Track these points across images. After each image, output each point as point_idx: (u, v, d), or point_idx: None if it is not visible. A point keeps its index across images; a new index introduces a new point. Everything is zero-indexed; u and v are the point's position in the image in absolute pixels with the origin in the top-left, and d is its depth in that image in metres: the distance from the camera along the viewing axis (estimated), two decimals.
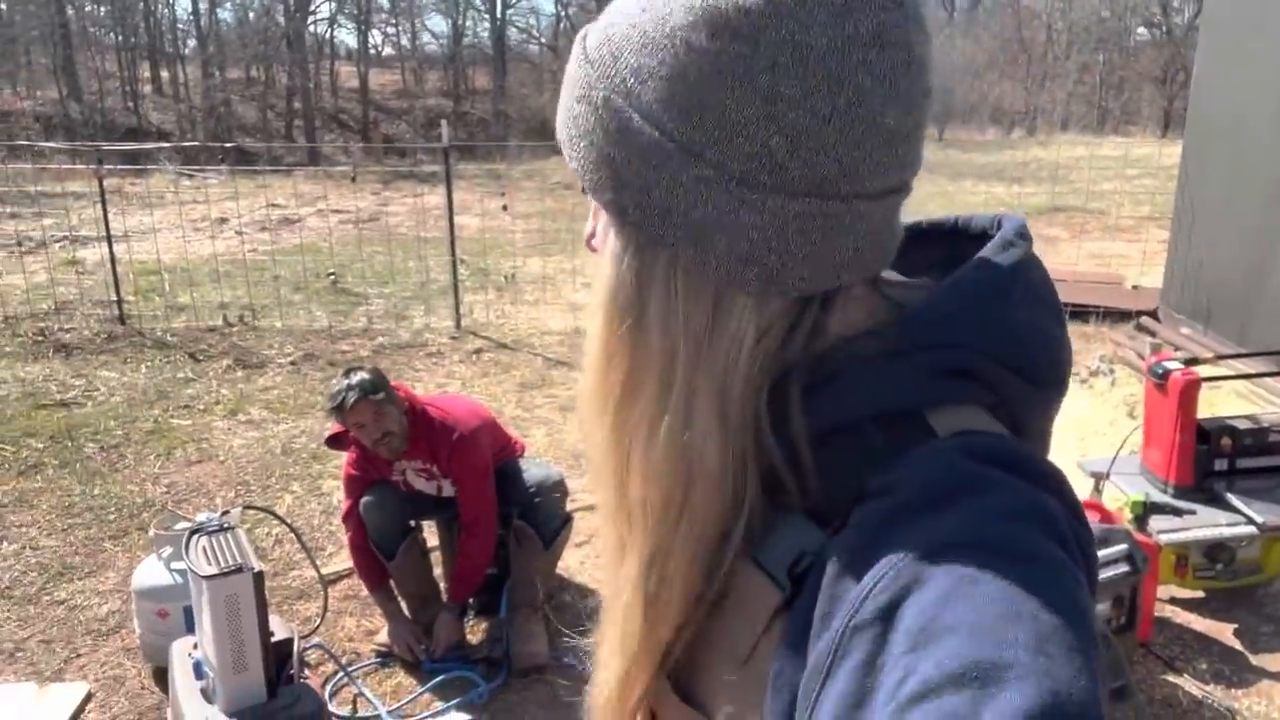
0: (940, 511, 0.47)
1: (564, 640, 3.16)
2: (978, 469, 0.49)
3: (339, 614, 3.33)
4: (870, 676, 0.43)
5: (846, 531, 0.50)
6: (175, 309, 7.37)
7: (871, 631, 0.44)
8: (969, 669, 0.40)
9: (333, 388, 2.89)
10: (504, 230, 10.09)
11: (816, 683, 0.46)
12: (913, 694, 0.41)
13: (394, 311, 7.46)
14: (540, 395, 5.60)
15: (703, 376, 0.54)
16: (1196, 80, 6.86)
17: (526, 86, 29.61)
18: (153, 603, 2.90)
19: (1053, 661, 0.40)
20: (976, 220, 0.64)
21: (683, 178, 0.52)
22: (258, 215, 11.28)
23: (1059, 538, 0.47)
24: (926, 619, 0.43)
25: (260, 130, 26.00)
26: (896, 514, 0.48)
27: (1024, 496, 0.48)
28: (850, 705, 0.43)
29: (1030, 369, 0.56)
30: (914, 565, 0.45)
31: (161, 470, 4.56)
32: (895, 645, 0.43)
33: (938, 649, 0.41)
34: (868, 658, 0.44)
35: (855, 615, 0.45)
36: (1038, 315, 0.57)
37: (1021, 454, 0.51)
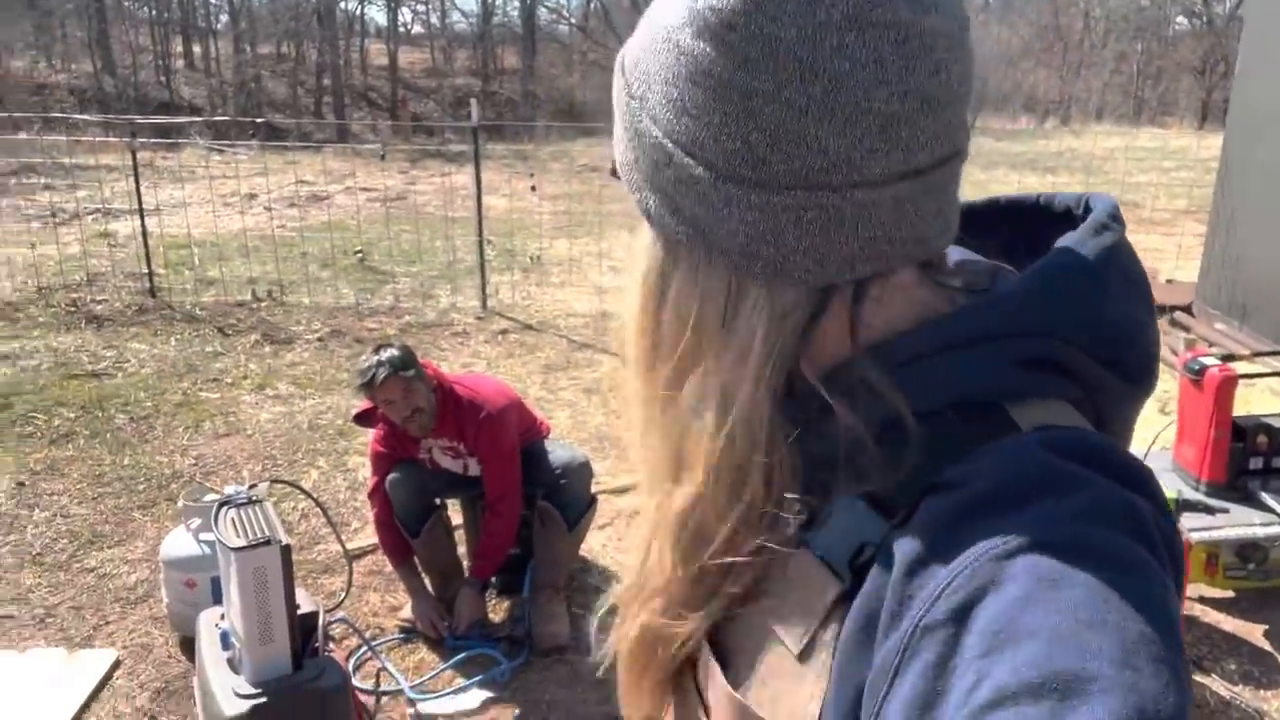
0: (1021, 509, 0.45)
1: (585, 622, 3.17)
2: (1062, 465, 0.47)
3: (363, 589, 3.36)
4: (941, 679, 0.42)
5: (916, 524, 0.48)
6: (205, 283, 7.43)
7: (944, 632, 0.42)
8: (1048, 679, 0.38)
9: (362, 364, 2.90)
10: (531, 211, 10.08)
11: (884, 682, 0.44)
12: (986, 701, 0.39)
13: (420, 290, 7.48)
14: (565, 378, 5.61)
15: (718, 360, 0.55)
16: (1240, 73, 6.72)
17: (556, 67, 29.50)
18: (181, 573, 2.94)
19: (1139, 674, 0.38)
20: (1060, 199, 0.61)
21: (682, 176, 0.53)
22: (287, 192, 11.34)
23: (1147, 540, 0.45)
24: (1003, 622, 0.41)
25: (290, 107, 26.11)
26: (974, 509, 0.46)
27: (1111, 495, 0.46)
28: (919, 707, 0.42)
29: (1121, 362, 0.54)
30: (991, 565, 0.43)
31: (190, 442, 4.61)
32: (968, 648, 0.41)
33: (1015, 655, 0.39)
34: (938, 659, 0.42)
35: (926, 615, 0.43)
36: (1131, 305, 0.54)
37: (1109, 450, 0.49)
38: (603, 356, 5.98)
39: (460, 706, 2.79)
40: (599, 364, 5.84)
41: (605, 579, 3.46)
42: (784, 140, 0.50)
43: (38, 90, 22.05)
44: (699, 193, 0.53)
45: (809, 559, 0.54)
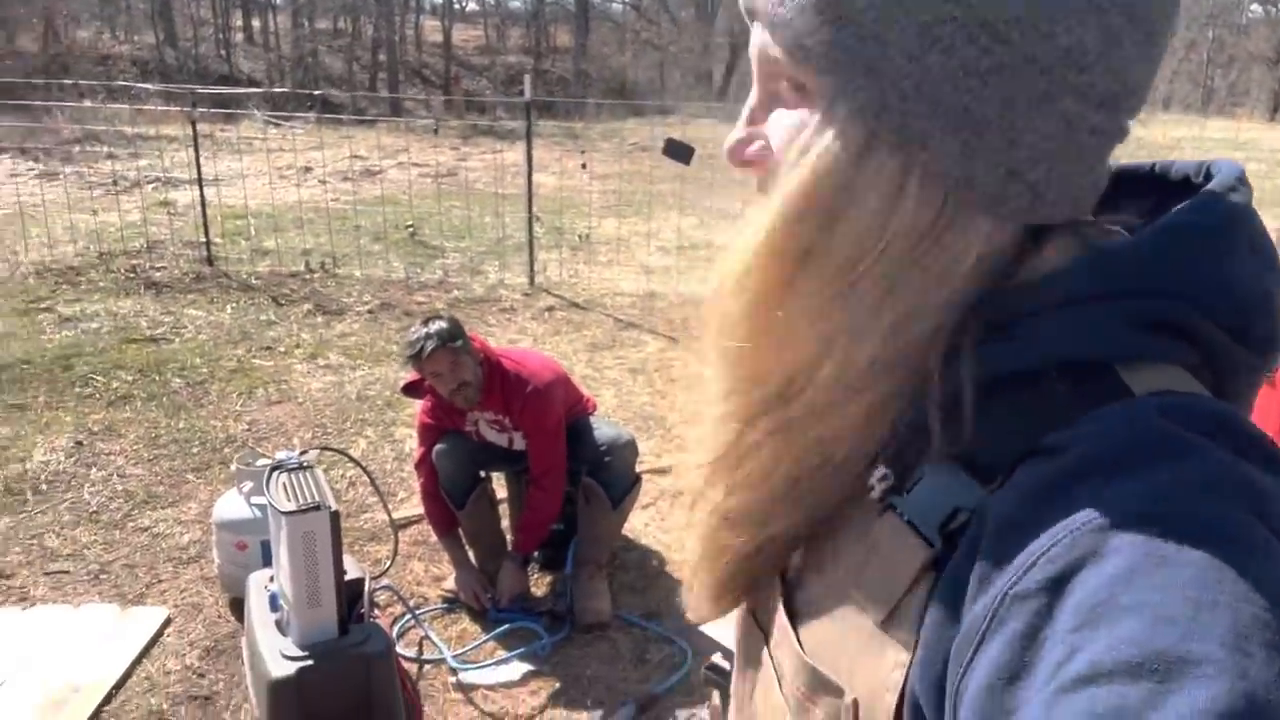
0: (1129, 477, 0.41)
1: (627, 599, 3.17)
2: (1179, 433, 0.43)
3: (408, 558, 3.40)
4: (1031, 650, 0.39)
5: (1014, 488, 0.45)
6: (260, 253, 7.55)
7: (1036, 602, 0.40)
8: (1149, 659, 0.35)
9: (411, 335, 2.91)
10: (580, 190, 10.07)
11: (968, 650, 0.42)
12: (1078, 676, 0.36)
13: (469, 266, 7.52)
14: (610, 356, 5.60)
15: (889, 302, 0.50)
16: None
17: (608, 46, 29.40)
18: (232, 535, 2.99)
19: (1251, 661, 0.35)
20: (1179, 166, 0.57)
21: (979, 64, 0.46)
22: (341, 165, 11.46)
23: (1268, 518, 0.41)
24: (1103, 596, 0.38)
25: (345, 81, 26.39)
26: (1078, 475, 0.43)
27: (1229, 468, 0.42)
28: (1005, 678, 0.39)
29: (1245, 330, 0.50)
30: (1093, 535, 0.40)
31: (243, 408, 4.69)
32: (1062, 620, 0.38)
33: (1112, 631, 0.37)
34: (1028, 629, 0.39)
35: (1019, 583, 0.41)
36: (1258, 268, 0.51)
37: (1232, 419, 0.45)
38: (649, 337, 5.96)
39: (501, 678, 2.81)
40: (645, 344, 5.83)
41: (648, 558, 3.46)
42: (1115, 53, 0.47)
43: (102, 61, 22.54)
44: (998, 89, 0.46)
45: (893, 523, 0.51)
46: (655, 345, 5.81)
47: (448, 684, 2.79)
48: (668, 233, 8.51)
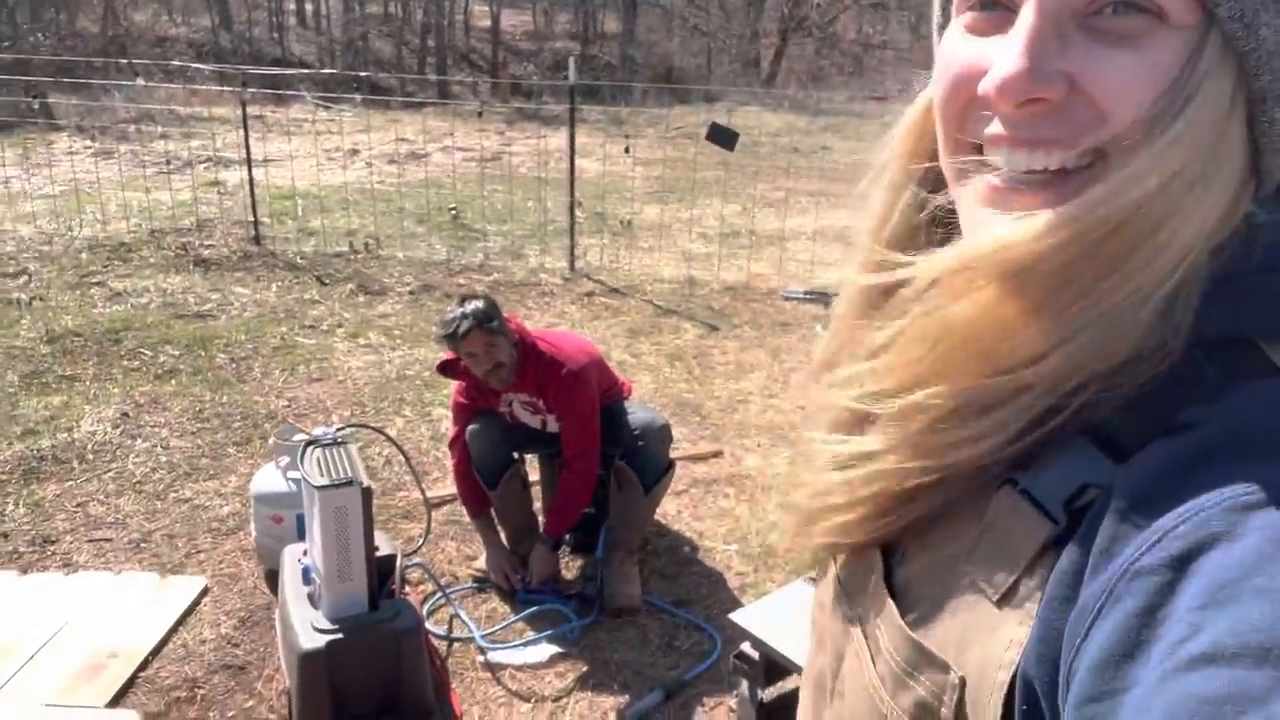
0: (1271, 459, 0.39)
1: (658, 586, 3.16)
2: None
3: (440, 537, 3.42)
4: (1149, 627, 0.37)
5: (1143, 463, 0.43)
6: (306, 233, 7.65)
7: (1157, 579, 0.38)
8: (1276, 646, 0.33)
9: (447, 315, 2.92)
10: (623, 176, 10.04)
11: (1083, 625, 0.40)
12: (1198, 655, 0.34)
13: (510, 249, 7.55)
14: (648, 342, 5.58)
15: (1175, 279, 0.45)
16: None
17: (656, 32, 29.24)
18: (269, 508, 3.03)
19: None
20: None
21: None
22: (387, 148, 11.56)
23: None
24: (1233, 577, 0.36)
25: (394, 66, 26.60)
26: (1214, 453, 0.41)
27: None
28: (1120, 653, 0.37)
29: None
30: (1226, 514, 0.38)
31: (285, 384, 4.76)
32: (1185, 598, 0.37)
33: (1240, 611, 0.35)
34: (1148, 606, 0.37)
35: (1141, 558, 0.39)
36: None
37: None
38: (688, 324, 5.93)
39: (529, 659, 2.82)
40: (683, 331, 5.80)
41: (679, 545, 3.44)
42: None
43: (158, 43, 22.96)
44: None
45: (1011, 499, 0.48)
46: (694, 332, 5.78)
47: (476, 663, 2.81)
48: (710, 219, 8.46)
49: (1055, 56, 0.44)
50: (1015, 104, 0.45)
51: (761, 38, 26.39)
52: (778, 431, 4.37)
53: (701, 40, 27.90)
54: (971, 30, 0.49)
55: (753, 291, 6.60)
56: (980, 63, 0.47)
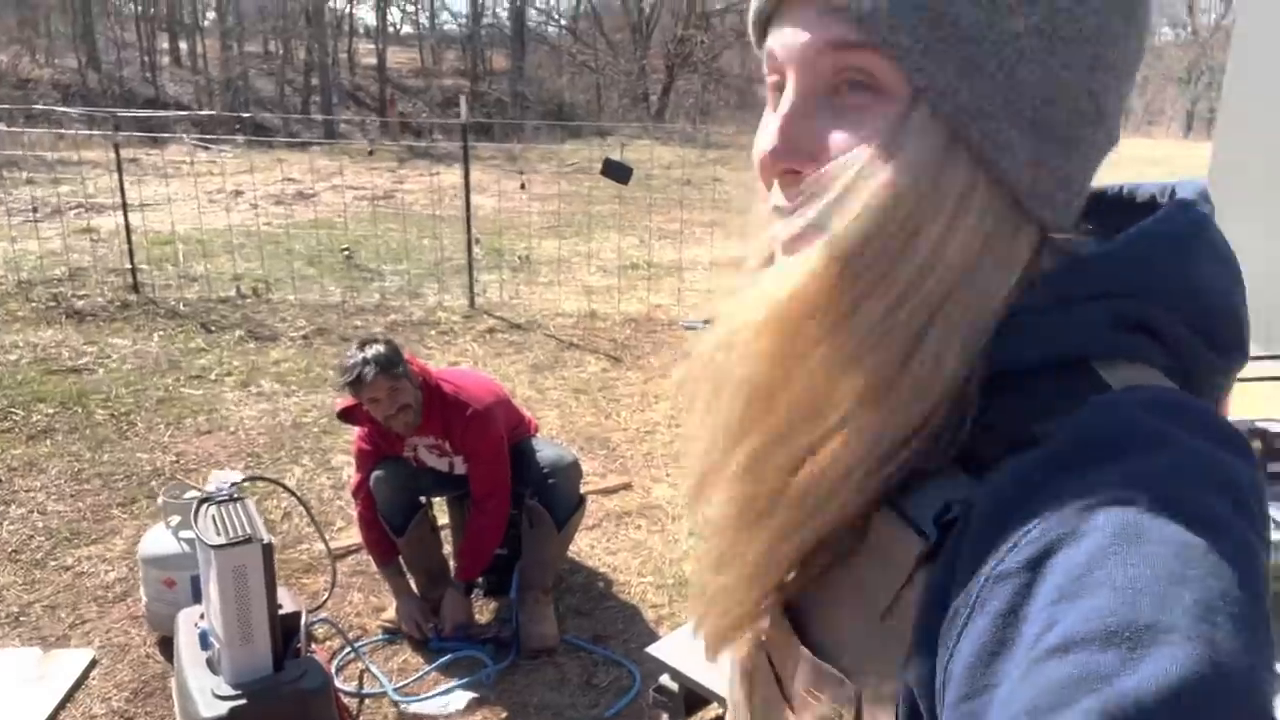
0: (1108, 464, 0.43)
1: (574, 623, 3.13)
2: (1154, 423, 0.45)
3: (346, 589, 3.30)
4: (1012, 626, 0.41)
5: (1000, 478, 0.46)
6: (188, 279, 7.35)
7: (1017, 580, 0.41)
8: (1121, 628, 0.37)
9: (347, 360, 2.84)
10: (519, 211, 10.03)
11: (955, 631, 0.43)
12: (1053, 645, 0.38)
13: (407, 288, 7.42)
14: (553, 377, 5.56)
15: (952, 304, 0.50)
16: (1228, 83, 6.75)
17: (545, 69, 29.45)
18: (159, 571, 2.87)
19: (1217, 631, 0.36)
20: (1144, 188, 0.60)
21: (1056, 76, 0.49)
22: (273, 189, 11.25)
23: (1241, 505, 0.43)
24: (1080, 571, 0.39)
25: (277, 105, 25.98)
26: (1059, 463, 0.45)
27: (1203, 455, 0.44)
28: (988, 652, 0.41)
29: (1213, 331, 0.52)
30: (1072, 516, 0.41)
31: (171, 439, 4.54)
32: (1041, 596, 0.40)
33: (1087, 602, 0.38)
34: (1009, 607, 0.41)
35: (1001, 564, 0.42)
36: (1222, 275, 0.53)
37: (1203, 411, 0.47)
38: (591, 357, 5.93)
39: (445, 709, 2.74)
40: (587, 364, 5.80)
41: (593, 580, 3.42)
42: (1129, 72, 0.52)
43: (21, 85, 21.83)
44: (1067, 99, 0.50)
45: (890, 519, 0.53)
46: (598, 365, 5.79)
47: (389, 717, 2.71)
48: (608, 253, 8.52)
49: (806, 133, 0.51)
50: (774, 176, 0.52)
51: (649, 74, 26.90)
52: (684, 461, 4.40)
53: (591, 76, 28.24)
54: (770, 111, 0.55)
55: (654, 323, 6.66)
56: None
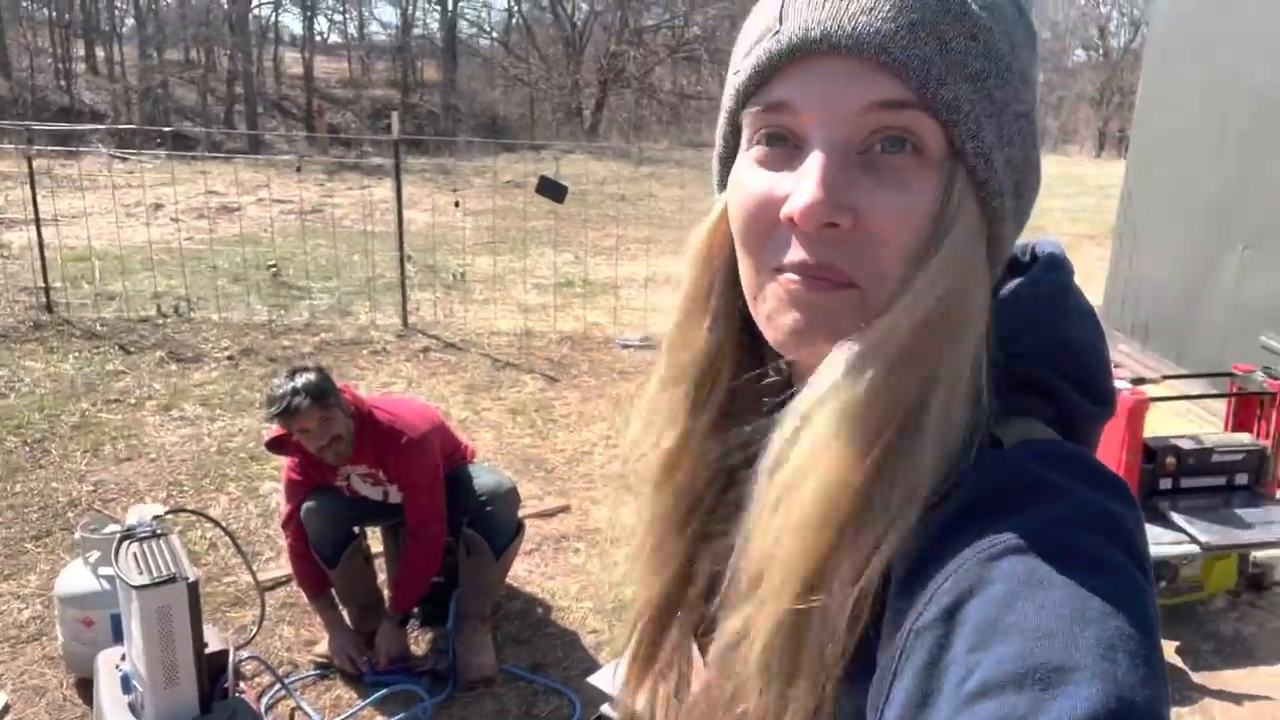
0: (1006, 515, 0.46)
1: (512, 652, 3.08)
2: (1045, 474, 0.49)
3: (276, 623, 3.20)
4: (934, 677, 0.43)
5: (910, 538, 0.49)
6: (106, 298, 7.08)
7: (935, 632, 0.44)
8: (1032, 670, 0.40)
9: (276, 390, 2.76)
10: (453, 227, 9.92)
11: (885, 686, 0.46)
12: (973, 691, 0.41)
13: (338, 307, 7.27)
14: (489, 398, 5.50)
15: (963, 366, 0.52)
16: (1140, 105, 7.04)
17: (477, 81, 29.24)
18: (78, 610, 2.75)
19: (1118, 667, 0.40)
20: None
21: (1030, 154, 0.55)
22: (195, 202, 10.92)
23: (1125, 545, 0.47)
24: (990, 619, 0.42)
25: (199, 115, 25.28)
26: (962, 518, 0.48)
27: (1092, 504, 0.48)
28: (914, 705, 0.43)
29: (1087, 381, 0.57)
30: (979, 567, 0.45)
31: (88, 467, 4.36)
32: (958, 645, 0.43)
33: (1001, 648, 0.41)
34: (931, 658, 0.44)
35: (920, 618, 0.45)
36: (1089, 331, 0.58)
37: (1090, 462, 0.51)
38: (528, 376, 5.89)
39: None
40: (524, 384, 5.76)
41: (532, 606, 3.38)
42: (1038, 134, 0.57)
43: None
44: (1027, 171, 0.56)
45: None
46: (534, 385, 5.75)
47: None
48: (543, 269, 8.48)
49: (843, 189, 0.50)
50: (815, 228, 0.50)
51: (582, 88, 26.93)
52: (623, 481, 4.39)
53: (524, 90, 28.14)
54: (762, 164, 0.54)
55: (590, 341, 6.65)
56: (775, 192, 0.52)
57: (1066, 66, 34.99)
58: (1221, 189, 5.63)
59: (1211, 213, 5.69)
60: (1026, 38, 0.54)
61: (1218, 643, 3.19)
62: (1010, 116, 0.53)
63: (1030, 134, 0.55)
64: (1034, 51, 0.55)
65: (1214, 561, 3.22)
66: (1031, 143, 0.55)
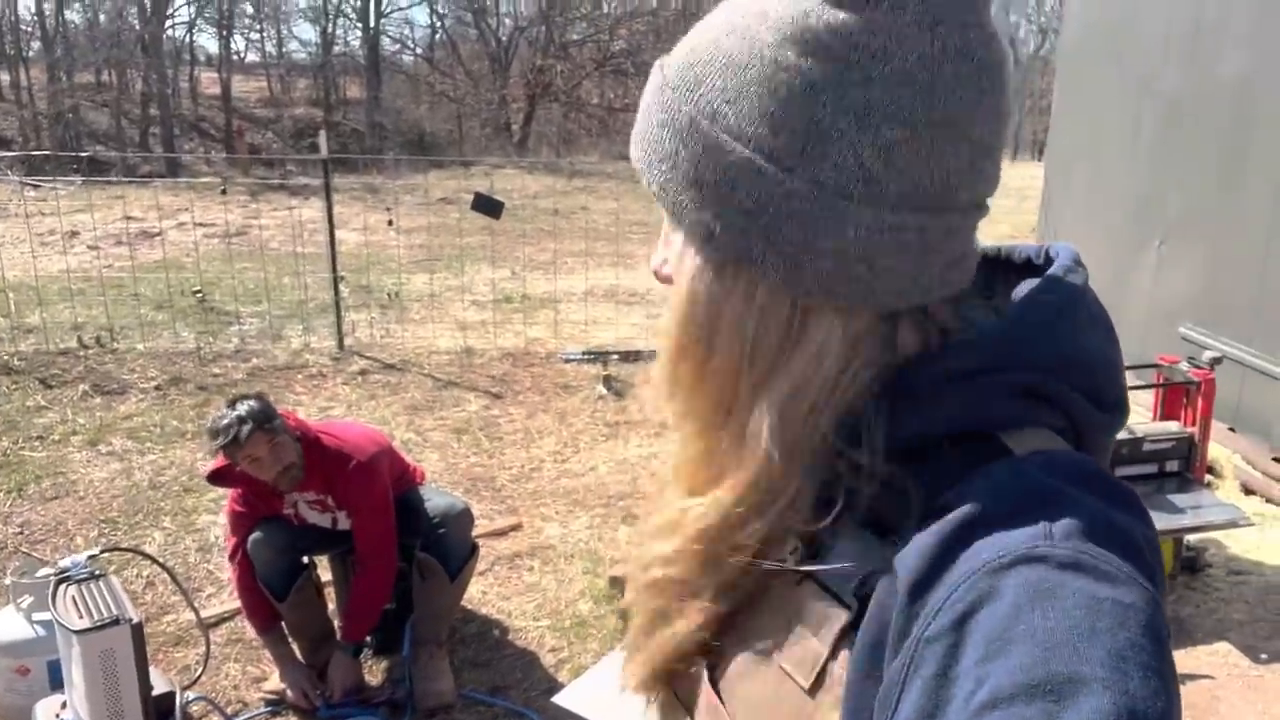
0: (1017, 526, 0.46)
1: (471, 676, 3.03)
2: (1055, 485, 0.49)
3: (222, 660, 3.10)
4: (945, 688, 0.43)
5: (917, 546, 0.49)
6: (22, 330, 6.79)
7: (944, 643, 0.44)
8: (1043, 681, 0.40)
9: (219, 422, 2.67)
10: (385, 246, 9.77)
11: (893, 698, 0.45)
12: (984, 702, 0.41)
13: (269, 331, 7.09)
14: (431, 418, 5.42)
15: (770, 391, 0.55)
16: (1055, 111, 7.31)
17: (402, 98, 28.89)
18: (11, 659, 2.62)
19: (1129, 679, 0.40)
20: (1020, 250, 0.64)
21: (775, 193, 0.52)
22: (113, 229, 10.56)
23: (1137, 557, 0.47)
24: (1001, 629, 0.42)
25: (113, 138, 24.47)
26: (972, 528, 0.48)
27: (1101, 514, 0.48)
28: (925, 715, 0.43)
29: (1097, 392, 0.57)
30: (989, 577, 0.45)
31: (13, 508, 4.16)
32: (968, 655, 0.43)
33: (1011, 658, 0.41)
34: (940, 669, 0.44)
35: (928, 628, 0.45)
36: (1102, 339, 0.58)
37: (1099, 473, 0.51)
38: (470, 394, 5.82)
39: None
40: (467, 402, 5.69)
41: (488, 628, 3.33)
42: (898, 159, 0.51)
43: None
44: (795, 210, 0.52)
45: (813, 591, 0.56)
46: (478, 403, 5.68)
47: None
48: (481, 286, 8.40)
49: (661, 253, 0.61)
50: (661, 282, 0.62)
51: (510, 103, 26.83)
52: (573, 496, 4.37)
53: (450, 106, 27.92)
54: None
55: (532, 356, 6.60)
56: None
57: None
58: (1137, 188, 5.86)
59: (1129, 211, 5.92)
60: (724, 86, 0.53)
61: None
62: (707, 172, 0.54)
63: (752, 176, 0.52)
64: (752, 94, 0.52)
65: None
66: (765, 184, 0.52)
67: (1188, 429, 3.54)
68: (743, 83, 0.52)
